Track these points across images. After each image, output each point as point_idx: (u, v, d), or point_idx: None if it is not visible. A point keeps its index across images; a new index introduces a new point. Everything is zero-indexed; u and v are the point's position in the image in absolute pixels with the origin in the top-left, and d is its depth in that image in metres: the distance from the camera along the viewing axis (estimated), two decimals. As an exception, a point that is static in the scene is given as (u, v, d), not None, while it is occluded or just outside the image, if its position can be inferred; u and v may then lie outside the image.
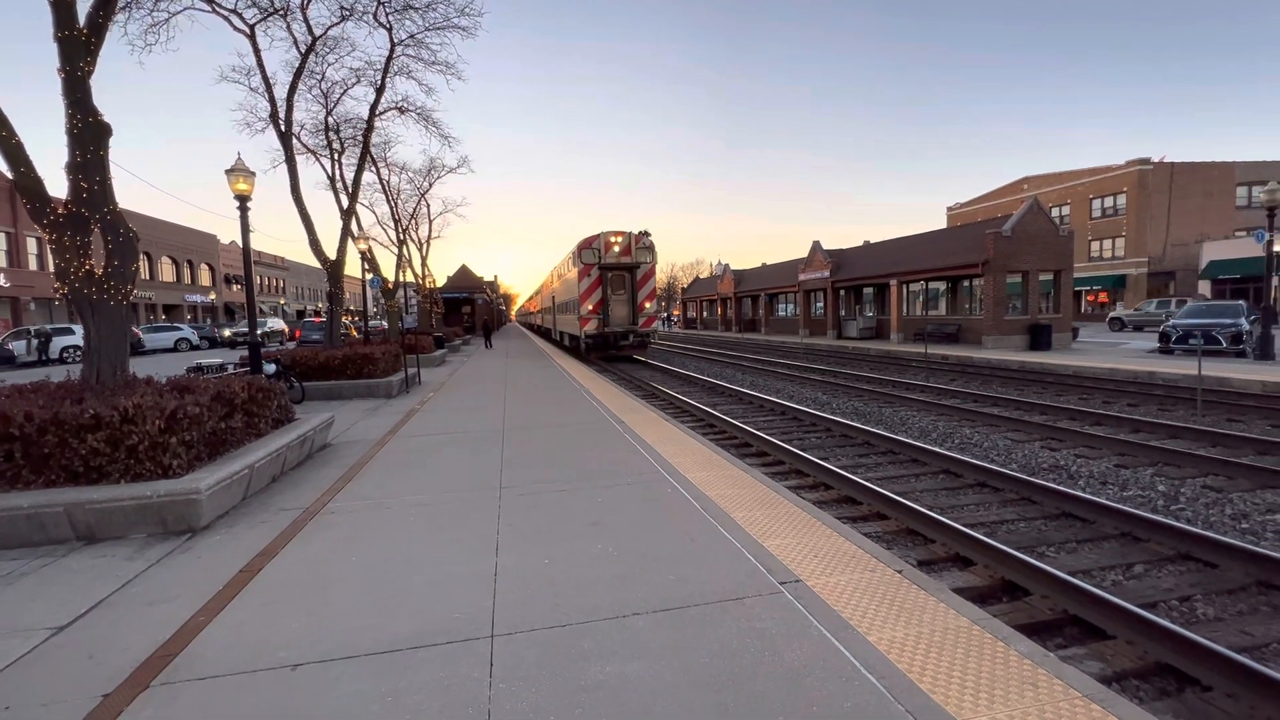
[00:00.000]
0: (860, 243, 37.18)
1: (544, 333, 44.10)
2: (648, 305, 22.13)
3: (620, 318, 21.74)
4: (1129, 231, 41.64)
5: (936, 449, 7.69)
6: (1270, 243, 16.09)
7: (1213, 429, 8.69)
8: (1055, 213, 44.47)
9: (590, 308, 21.30)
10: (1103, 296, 43.91)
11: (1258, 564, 4.37)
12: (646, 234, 21.90)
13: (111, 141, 6.40)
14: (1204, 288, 36.83)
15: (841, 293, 34.24)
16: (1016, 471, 6.98)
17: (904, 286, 28.71)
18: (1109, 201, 42.94)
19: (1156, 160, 40.86)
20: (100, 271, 6.12)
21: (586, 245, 21.53)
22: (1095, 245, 43.77)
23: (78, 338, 25.93)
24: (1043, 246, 22.84)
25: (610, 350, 21.70)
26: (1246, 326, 17.49)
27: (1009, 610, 4.00)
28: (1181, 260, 40.24)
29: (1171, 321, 19.21)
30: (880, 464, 7.77)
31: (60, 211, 6.02)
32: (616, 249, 21.45)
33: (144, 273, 44.68)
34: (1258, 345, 15.80)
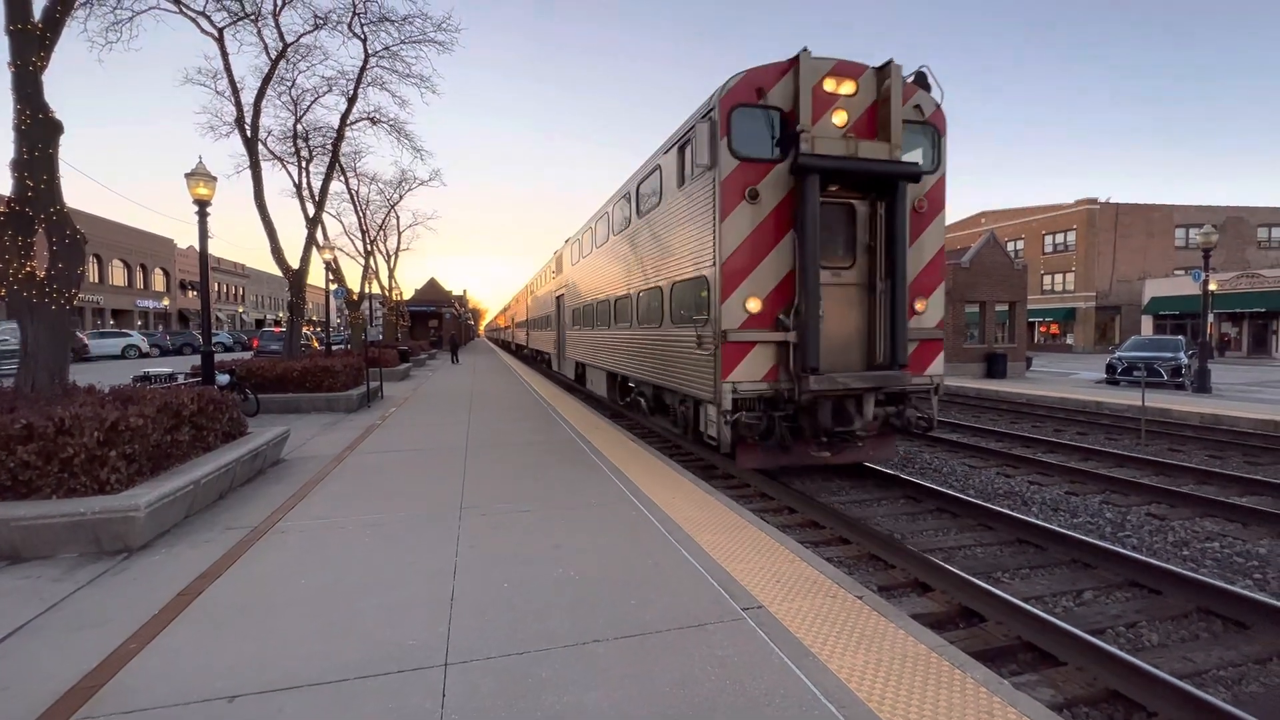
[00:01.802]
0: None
1: (531, 359, 29.90)
2: (920, 306, 7.30)
3: (845, 339, 7.01)
4: (1078, 266, 43.70)
5: (896, 474, 7.82)
6: (1206, 282, 17.06)
7: (1156, 458, 9.07)
8: (1010, 246, 46.44)
9: (758, 306, 6.67)
10: (1054, 328, 45.81)
11: (1198, 591, 4.54)
12: (921, 76, 7.29)
13: (62, 139, 6.16)
14: (1146, 323, 38.77)
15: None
16: (974, 497, 7.14)
17: (868, 313, 29.37)
18: (1060, 238, 45.06)
19: (1103, 200, 43.15)
20: (42, 274, 5.83)
21: (742, 98, 6.66)
22: (1047, 279, 45.76)
23: (17, 342, 24.55)
24: (999, 279, 23.76)
25: (821, 446, 6.98)
26: (1185, 360, 18.47)
27: (966, 636, 4.05)
28: (1126, 296, 42.33)
29: (1116, 354, 20.17)
30: (842, 488, 7.85)
31: (3, 210, 5.74)
32: (841, 118, 6.80)
33: (93, 276, 42.77)
34: (1195, 379, 16.64)
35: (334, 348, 20.63)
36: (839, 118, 6.80)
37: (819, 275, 6.48)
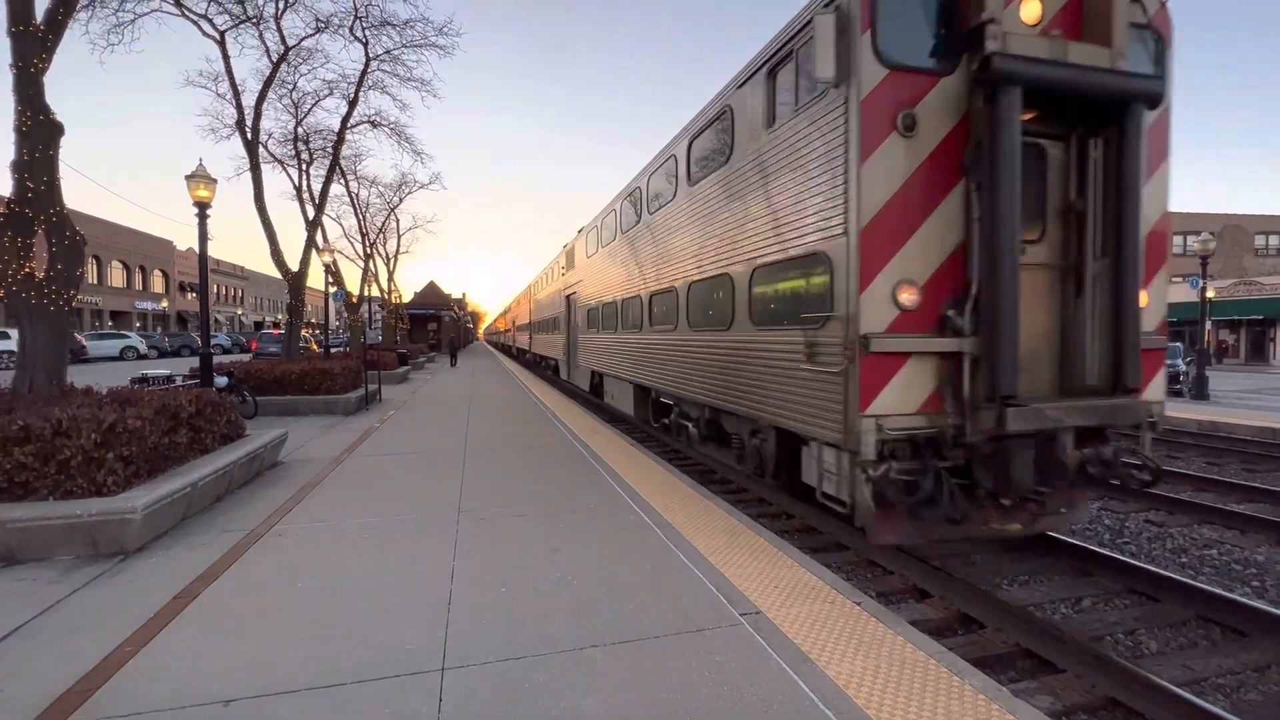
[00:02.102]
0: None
1: (534, 364, 28.98)
2: (1140, 300, 4.58)
3: (1032, 347, 4.59)
4: (1077, 274, 43.76)
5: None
6: (1204, 289, 17.11)
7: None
8: (1009, 253, 46.42)
9: (914, 298, 4.35)
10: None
11: (1196, 599, 4.53)
12: None
13: (62, 140, 6.16)
14: (1145, 329, 38.79)
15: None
16: (972, 503, 7.13)
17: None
18: (1058, 244, 45.13)
19: (1101, 208, 43.31)
20: (41, 275, 5.83)
21: None
22: (1046, 285, 45.83)
23: (15, 343, 24.47)
24: (998, 285, 23.78)
25: (1007, 513, 4.64)
26: (1183, 367, 18.48)
27: (964, 643, 4.04)
28: (1124, 303, 42.41)
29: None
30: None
31: (3, 211, 5.74)
32: (1033, 11, 4.49)
33: (92, 277, 42.72)
34: (1193, 385, 16.67)
35: (332, 350, 20.62)
36: (1029, 10, 4.52)
37: (1015, 248, 4.13)
